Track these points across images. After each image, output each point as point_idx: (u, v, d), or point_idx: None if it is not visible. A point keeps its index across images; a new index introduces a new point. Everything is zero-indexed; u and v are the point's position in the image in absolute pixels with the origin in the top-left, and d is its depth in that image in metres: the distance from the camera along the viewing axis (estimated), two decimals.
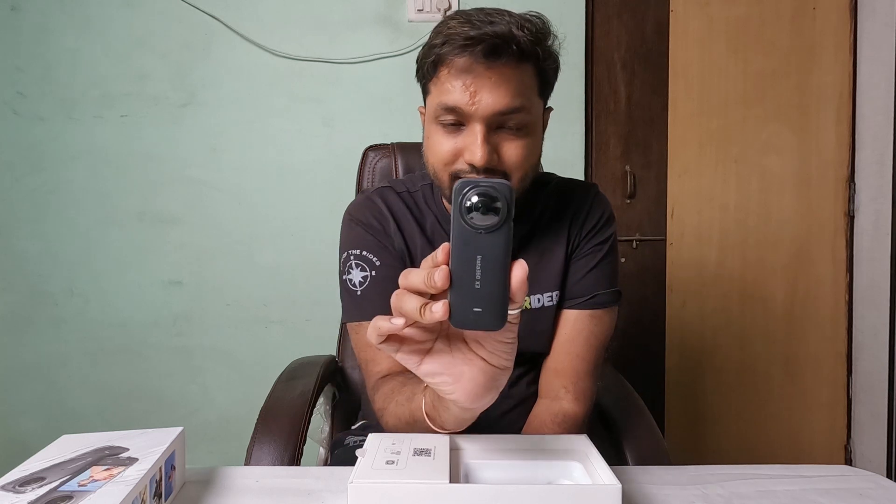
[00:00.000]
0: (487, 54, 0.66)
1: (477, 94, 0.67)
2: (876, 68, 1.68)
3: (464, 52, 0.66)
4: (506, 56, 0.67)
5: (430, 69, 0.71)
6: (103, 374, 1.63)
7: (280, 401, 0.91)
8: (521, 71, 0.69)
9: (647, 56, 1.69)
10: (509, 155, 0.71)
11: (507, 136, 0.70)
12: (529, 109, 0.70)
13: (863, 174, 1.73)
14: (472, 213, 0.40)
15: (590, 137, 1.68)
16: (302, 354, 1.20)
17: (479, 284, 0.41)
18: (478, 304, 0.41)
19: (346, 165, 1.55)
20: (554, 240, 0.82)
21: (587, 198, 0.84)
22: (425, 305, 0.40)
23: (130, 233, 1.61)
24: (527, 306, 0.81)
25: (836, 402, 1.79)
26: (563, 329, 0.81)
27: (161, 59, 1.59)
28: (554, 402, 0.79)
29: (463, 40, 0.66)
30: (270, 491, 0.58)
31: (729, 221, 1.73)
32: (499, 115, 0.68)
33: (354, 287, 0.80)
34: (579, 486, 0.54)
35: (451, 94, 0.68)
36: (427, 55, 0.71)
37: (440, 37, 0.68)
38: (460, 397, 0.43)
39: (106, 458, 0.52)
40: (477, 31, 0.66)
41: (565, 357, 0.80)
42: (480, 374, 0.43)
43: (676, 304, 1.74)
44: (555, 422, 0.77)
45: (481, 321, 0.41)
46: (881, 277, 1.68)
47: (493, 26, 0.66)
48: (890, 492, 0.59)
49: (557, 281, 0.81)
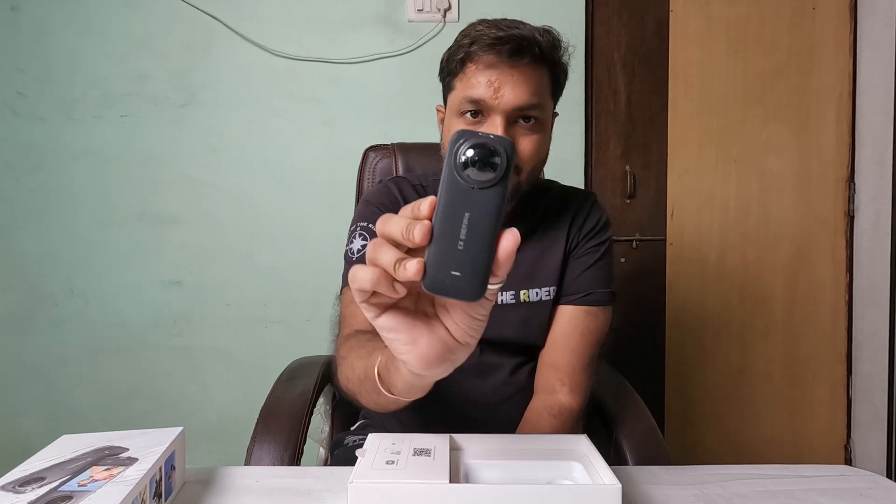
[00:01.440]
0: (512, 54, 0.73)
1: (500, 90, 0.74)
2: (876, 68, 1.68)
3: (491, 50, 0.74)
4: (528, 57, 0.74)
5: (457, 66, 0.78)
6: (103, 374, 1.63)
7: (280, 401, 0.91)
8: (539, 72, 0.77)
9: (647, 56, 1.69)
10: (523, 147, 0.77)
11: (522, 130, 0.77)
12: (544, 107, 0.77)
13: (863, 174, 1.73)
14: (466, 165, 0.37)
15: (590, 137, 1.68)
16: (302, 354, 1.20)
17: (463, 245, 0.37)
18: (457, 268, 0.37)
19: (346, 165, 1.55)
20: (554, 239, 0.86)
21: (587, 203, 0.89)
22: (400, 260, 0.36)
23: (130, 233, 1.61)
24: (525, 300, 0.84)
25: (836, 402, 1.79)
26: (560, 324, 0.85)
27: (161, 59, 1.59)
28: (550, 396, 0.82)
29: (491, 40, 0.74)
30: (270, 491, 0.58)
31: (729, 221, 1.73)
32: (518, 110, 0.75)
33: (352, 254, 0.84)
34: (579, 486, 0.54)
35: (477, 88, 0.75)
36: (455, 53, 0.78)
37: (468, 38, 0.76)
38: (411, 360, 0.40)
39: (106, 458, 0.52)
40: (504, 33, 0.74)
41: (561, 351, 0.83)
42: (439, 344, 0.40)
43: (676, 304, 1.74)
44: (551, 413, 0.80)
45: (457, 288, 0.37)
46: (881, 277, 1.68)
47: (518, 30, 0.75)
48: (890, 492, 0.59)
49: (555, 277, 0.85)
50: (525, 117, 0.76)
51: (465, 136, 0.37)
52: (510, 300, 0.84)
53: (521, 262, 0.85)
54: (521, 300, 0.84)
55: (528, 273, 0.85)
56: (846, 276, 1.76)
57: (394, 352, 0.41)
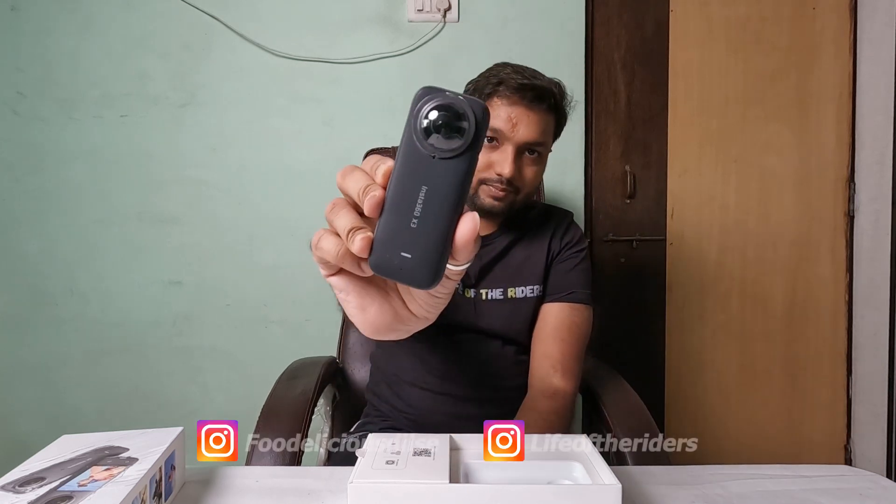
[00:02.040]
0: (532, 100, 0.90)
1: (517, 126, 0.90)
2: (876, 68, 1.68)
3: (515, 93, 0.90)
4: (544, 104, 0.92)
5: (483, 97, 0.93)
6: (103, 374, 1.62)
7: (282, 399, 0.91)
8: (549, 117, 0.94)
9: (647, 56, 1.69)
10: (526, 174, 0.94)
11: (527, 160, 0.93)
12: (546, 145, 0.95)
13: (863, 174, 1.73)
14: (429, 130, 0.31)
15: (590, 137, 1.68)
16: (302, 354, 1.20)
17: (416, 224, 0.31)
18: (408, 249, 0.32)
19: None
20: (538, 246, 1.01)
21: (565, 220, 1.06)
22: (354, 230, 0.33)
23: (130, 233, 1.61)
24: (512, 296, 0.97)
25: (836, 402, 1.79)
26: (548, 320, 0.96)
27: (161, 59, 1.59)
28: (544, 381, 0.91)
29: (517, 84, 0.90)
30: (270, 491, 0.58)
31: (729, 221, 1.73)
32: (527, 144, 0.91)
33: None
34: (579, 486, 0.54)
35: (498, 119, 0.90)
36: (484, 87, 0.93)
37: (496, 78, 0.92)
38: (358, 324, 0.38)
39: (106, 458, 0.52)
40: (528, 82, 0.90)
41: (552, 342, 0.94)
42: (390, 314, 0.37)
43: (676, 304, 1.74)
44: (545, 395, 0.89)
45: (405, 271, 0.32)
46: (881, 277, 1.68)
47: (539, 81, 0.92)
48: (890, 492, 0.59)
49: (539, 278, 0.99)
50: (531, 150, 0.92)
51: (431, 94, 0.32)
52: (499, 296, 0.97)
53: (510, 263, 0.99)
54: (509, 296, 0.97)
55: (515, 273, 0.98)
56: (846, 276, 1.76)
57: (344, 310, 0.39)
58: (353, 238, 0.32)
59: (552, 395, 0.89)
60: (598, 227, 1.70)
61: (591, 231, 1.70)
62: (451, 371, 0.96)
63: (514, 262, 0.99)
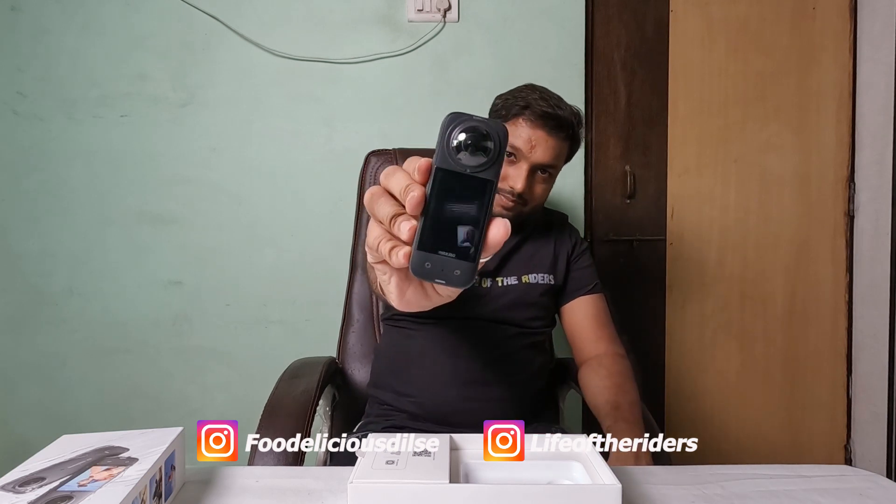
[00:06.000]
0: (553, 127, 1.00)
1: (535, 148, 0.99)
2: (876, 68, 1.68)
3: (539, 119, 0.99)
4: (562, 133, 1.01)
5: (509, 116, 1.02)
6: (103, 374, 1.62)
7: (284, 398, 0.91)
8: (563, 144, 1.03)
9: (646, 56, 1.69)
10: (537, 190, 1.04)
11: (539, 178, 1.03)
12: (558, 168, 1.06)
13: (863, 174, 1.73)
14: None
15: (590, 137, 1.68)
16: (302, 355, 1.20)
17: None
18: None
19: (346, 165, 1.55)
20: (543, 245, 1.13)
21: (565, 221, 1.21)
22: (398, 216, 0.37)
23: (130, 233, 1.61)
24: (527, 281, 1.08)
25: (836, 402, 1.79)
26: (585, 310, 1.10)
27: (161, 59, 1.59)
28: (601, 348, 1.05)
29: (542, 111, 0.99)
30: (270, 491, 0.58)
31: (729, 221, 1.73)
32: (540, 165, 1.01)
33: None
34: (579, 486, 0.54)
35: (518, 138, 1.00)
36: (510, 108, 1.02)
37: (524, 101, 1.01)
38: (394, 302, 0.43)
39: (106, 459, 0.52)
40: (552, 111, 0.99)
41: (596, 325, 1.09)
42: (422, 294, 0.42)
43: (676, 304, 1.74)
44: (608, 354, 1.04)
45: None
46: (881, 277, 1.68)
47: (561, 111, 1.01)
48: (890, 492, 0.59)
49: (548, 267, 1.10)
50: (543, 170, 1.02)
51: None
52: (514, 282, 1.07)
53: (522, 256, 1.10)
54: (524, 282, 1.08)
55: (528, 262, 1.10)
56: (846, 276, 1.76)
57: (382, 286, 0.44)
58: (399, 223, 0.37)
59: (613, 354, 1.04)
60: (597, 227, 1.70)
61: (591, 231, 1.70)
62: (462, 350, 1.02)
63: (526, 254, 1.11)
